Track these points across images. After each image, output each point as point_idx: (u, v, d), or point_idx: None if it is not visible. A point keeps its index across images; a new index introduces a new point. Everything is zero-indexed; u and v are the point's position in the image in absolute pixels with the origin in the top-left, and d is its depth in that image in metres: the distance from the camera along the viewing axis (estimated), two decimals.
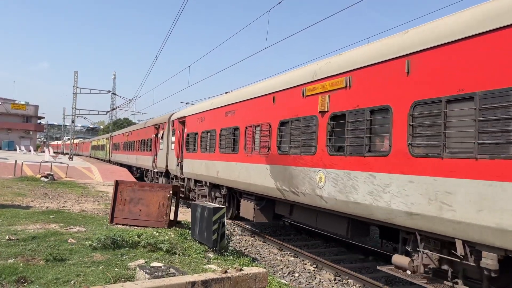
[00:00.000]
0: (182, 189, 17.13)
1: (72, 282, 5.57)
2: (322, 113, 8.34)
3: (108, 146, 49.48)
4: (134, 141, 31.60)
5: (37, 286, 5.34)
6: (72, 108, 45.54)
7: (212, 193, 15.43)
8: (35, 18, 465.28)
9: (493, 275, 5.11)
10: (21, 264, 6.13)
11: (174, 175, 20.42)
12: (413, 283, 8.73)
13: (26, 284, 5.39)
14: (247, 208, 12.61)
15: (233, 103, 13.39)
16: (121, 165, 38.57)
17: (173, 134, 20.09)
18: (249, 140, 11.87)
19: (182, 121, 18.90)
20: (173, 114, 21.70)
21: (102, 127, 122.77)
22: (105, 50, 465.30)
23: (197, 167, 16.15)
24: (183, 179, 18.73)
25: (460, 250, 5.42)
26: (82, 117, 59.75)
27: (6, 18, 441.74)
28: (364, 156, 7.01)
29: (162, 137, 22.02)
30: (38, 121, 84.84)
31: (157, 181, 23.86)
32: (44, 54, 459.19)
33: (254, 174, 11.33)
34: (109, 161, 47.66)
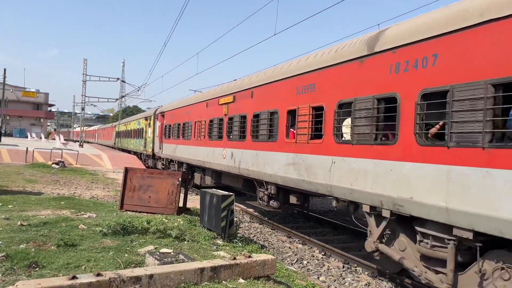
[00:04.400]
0: None
1: (83, 267, 5.63)
2: None
3: (150, 131, 28.28)
4: (275, 114, 10.92)
5: (48, 271, 5.41)
6: (82, 95, 45.79)
7: None
8: (43, 4, 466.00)
9: None
10: (33, 249, 6.21)
11: None
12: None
13: (37, 269, 5.46)
14: None
15: None
16: (191, 168, 19.10)
17: None
18: None
19: None
20: None
21: (111, 114, 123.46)
22: (114, 37, 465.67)
23: None
24: None
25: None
26: (91, 104, 60.18)
27: (15, 5, 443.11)
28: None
29: None
30: (49, 108, 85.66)
31: None
32: (53, 41, 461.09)
33: None
34: (153, 157, 27.44)
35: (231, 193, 8.66)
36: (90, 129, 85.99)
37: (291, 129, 10.17)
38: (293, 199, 11.35)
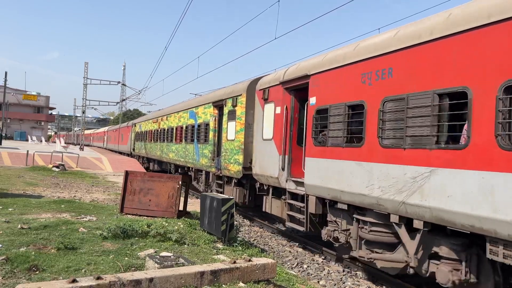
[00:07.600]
0: None
1: (83, 270, 5.63)
2: None
3: (232, 128, 13.92)
4: None
5: (48, 274, 5.41)
6: (83, 99, 45.90)
7: None
8: (44, 7, 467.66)
9: None
10: (33, 253, 6.21)
11: None
12: (421, 276, 8.70)
13: (38, 272, 5.46)
14: None
15: None
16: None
17: None
18: None
19: None
20: None
21: (112, 118, 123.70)
22: (115, 40, 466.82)
23: None
24: None
25: None
26: (92, 108, 60.29)
27: (16, 6, 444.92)
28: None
29: None
30: (49, 111, 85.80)
31: None
32: (54, 44, 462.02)
33: None
34: (250, 184, 13.30)
35: (231, 197, 8.66)
36: (98, 131, 76.21)
37: None
38: None
